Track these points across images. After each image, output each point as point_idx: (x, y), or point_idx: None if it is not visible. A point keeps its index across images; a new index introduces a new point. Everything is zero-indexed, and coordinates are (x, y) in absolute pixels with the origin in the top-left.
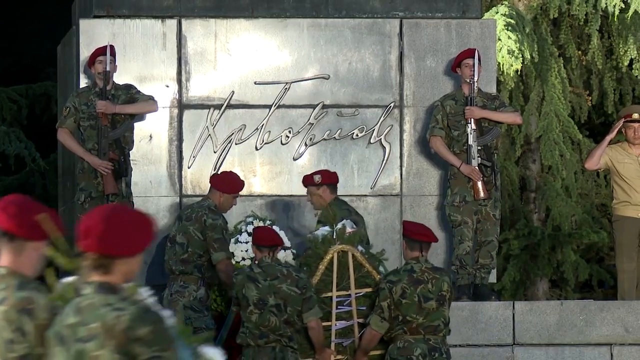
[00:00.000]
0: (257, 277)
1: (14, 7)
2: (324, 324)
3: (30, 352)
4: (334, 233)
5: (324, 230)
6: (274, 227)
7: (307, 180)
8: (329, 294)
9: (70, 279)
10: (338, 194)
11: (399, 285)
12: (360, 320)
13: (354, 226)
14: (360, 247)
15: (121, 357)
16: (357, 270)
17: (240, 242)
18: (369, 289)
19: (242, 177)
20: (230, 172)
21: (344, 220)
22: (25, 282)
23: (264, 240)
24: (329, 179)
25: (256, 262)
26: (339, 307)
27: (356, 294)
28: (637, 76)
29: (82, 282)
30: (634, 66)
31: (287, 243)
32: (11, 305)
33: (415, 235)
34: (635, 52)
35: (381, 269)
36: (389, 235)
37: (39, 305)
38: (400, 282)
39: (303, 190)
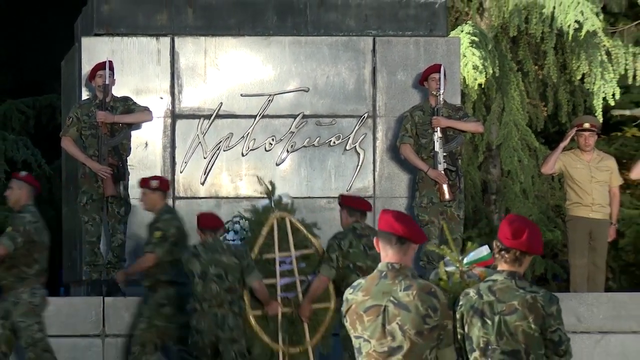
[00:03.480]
0: (199, 253)
1: (22, 27)
2: (270, 281)
3: (439, 324)
4: (272, 202)
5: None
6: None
7: (144, 183)
8: (272, 255)
9: (448, 265)
10: (317, 195)
11: (346, 240)
12: (302, 278)
13: (290, 197)
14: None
15: (537, 328)
16: (295, 234)
17: (227, 240)
18: (307, 251)
19: (229, 181)
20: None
21: (281, 193)
22: (412, 272)
23: (206, 223)
24: (165, 186)
25: (201, 242)
26: (281, 266)
27: (296, 254)
28: (588, 89)
29: (490, 270)
30: (585, 80)
31: None
32: (420, 289)
33: (356, 204)
34: (587, 67)
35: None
36: None
37: (437, 289)
38: (347, 238)
39: (297, 192)
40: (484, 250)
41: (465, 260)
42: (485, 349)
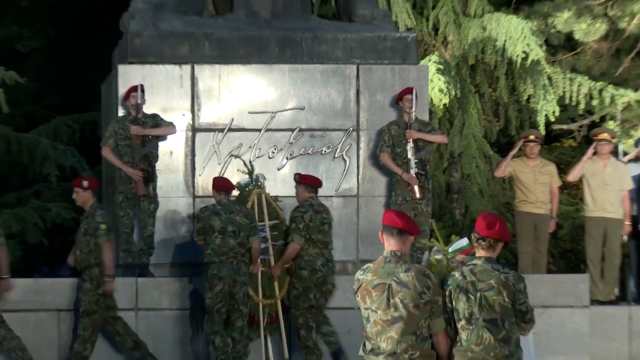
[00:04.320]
0: (219, 212)
1: (70, 56)
2: None
3: (434, 300)
4: (253, 181)
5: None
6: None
7: (77, 183)
8: None
9: (436, 254)
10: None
11: (307, 214)
12: (273, 243)
13: (264, 178)
14: None
15: (510, 301)
16: (267, 207)
17: None
18: (276, 221)
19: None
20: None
21: (258, 173)
22: (409, 259)
23: (222, 186)
24: (95, 186)
25: (216, 202)
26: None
27: (269, 224)
28: (533, 108)
29: (469, 256)
30: (530, 100)
31: None
32: (417, 272)
33: (314, 182)
34: (532, 89)
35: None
36: (349, 225)
37: (429, 271)
38: (308, 212)
39: (285, 192)
40: (464, 242)
41: (450, 250)
42: (470, 319)
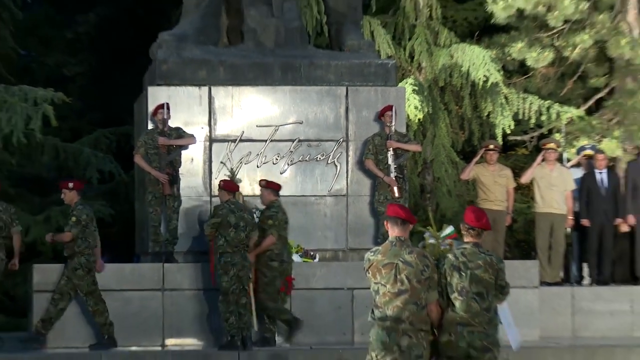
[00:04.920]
0: (234, 209)
1: (108, 79)
2: None
3: (431, 276)
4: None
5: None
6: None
7: (64, 185)
8: None
9: (430, 239)
10: (308, 194)
11: (278, 214)
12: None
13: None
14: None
15: (493, 277)
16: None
17: None
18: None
19: (248, 184)
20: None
21: (237, 178)
22: (410, 243)
23: (231, 187)
24: (79, 186)
25: (226, 201)
26: None
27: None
28: (492, 122)
29: (457, 241)
30: (490, 116)
31: None
32: (418, 254)
33: (276, 187)
34: (492, 107)
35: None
36: (339, 220)
37: (427, 253)
38: (278, 213)
39: (288, 192)
40: (450, 229)
41: (441, 235)
42: (461, 292)
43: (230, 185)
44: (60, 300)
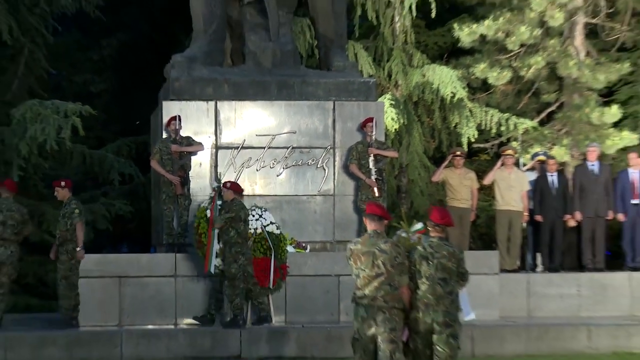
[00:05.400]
0: (243, 206)
1: (128, 95)
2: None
3: (403, 263)
4: (221, 185)
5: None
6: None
7: (56, 184)
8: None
9: (402, 234)
10: (300, 194)
11: (243, 211)
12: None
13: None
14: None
15: (455, 266)
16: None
17: (251, 220)
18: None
19: (249, 186)
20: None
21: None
22: (385, 235)
23: (239, 189)
24: (69, 185)
25: (233, 199)
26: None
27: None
28: (459, 132)
29: (425, 235)
30: (457, 127)
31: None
32: (392, 244)
33: (238, 189)
34: (458, 119)
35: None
36: (327, 216)
37: (399, 244)
38: (244, 209)
39: (282, 192)
40: (419, 225)
41: (411, 230)
42: (429, 277)
43: (236, 186)
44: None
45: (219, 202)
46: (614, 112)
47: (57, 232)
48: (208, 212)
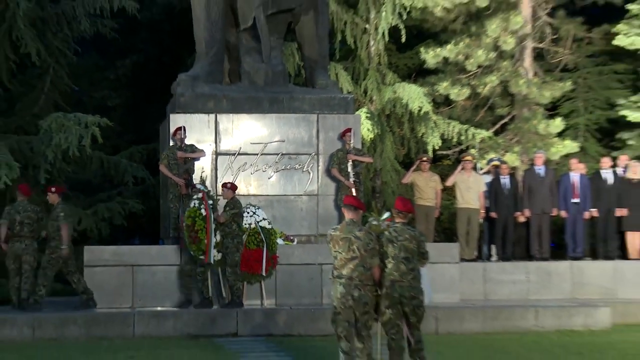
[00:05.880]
0: (241, 202)
1: (140, 109)
2: None
3: (374, 247)
4: (206, 188)
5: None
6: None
7: (48, 189)
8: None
9: (373, 221)
10: (289, 194)
11: (242, 207)
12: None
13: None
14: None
15: (416, 247)
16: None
17: (246, 216)
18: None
19: (244, 187)
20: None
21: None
22: (360, 224)
23: (234, 188)
24: (59, 191)
25: (232, 197)
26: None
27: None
28: (425, 141)
29: (392, 222)
30: (423, 136)
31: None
32: (365, 231)
33: (234, 188)
34: (424, 129)
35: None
36: (311, 212)
37: (371, 231)
38: (242, 206)
39: (274, 192)
40: (387, 214)
41: (381, 218)
42: (394, 257)
43: (235, 187)
44: (77, 274)
45: (210, 202)
46: (557, 124)
47: (44, 232)
48: (203, 211)
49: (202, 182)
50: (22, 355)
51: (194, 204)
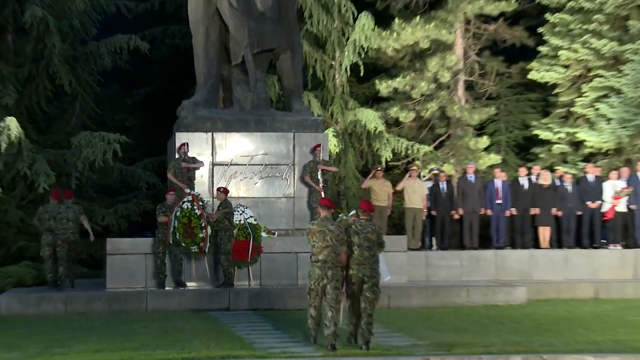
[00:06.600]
0: (232, 203)
1: (152, 128)
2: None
3: (343, 238)
4: (196, 193)
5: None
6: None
7: (55, 194)
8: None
9: (343, 217)
10: (271, 197)
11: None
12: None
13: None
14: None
15: (377, 238)
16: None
17: (237, 214)
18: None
19: (235, 191)
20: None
21: (199, 191)
22: (332, 219)
23: (226, 192)
24: (70, 194)
25: (224, 199)
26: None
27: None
28: (379, 154)
29: (357, 218)
30: (378, 150)
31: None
32: (336, 225)
33: (227, 192)
34: (379, 145)
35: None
36: (289, 211)
37: (341, 225)
38: (232, 206)
39: (259, 195)
40: (353, 212)
41: (349, 215)
42: (359, 245)
43: (227, 191)
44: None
45: (201, 204)
46: (484, 141)
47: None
48: (197, 211)
49: (193, 189)
50: (57, 326)
51: (187, 205)
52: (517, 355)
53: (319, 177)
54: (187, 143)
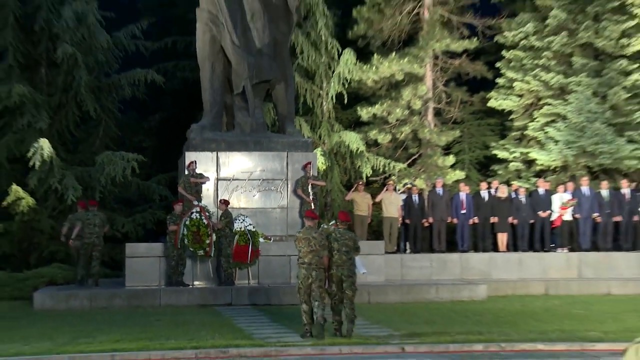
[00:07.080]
0: (232, 213)
1: (164, 148)
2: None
3: (325, 244)
4: (205, 206)
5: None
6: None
7: (81, 204)
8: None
9: (324, 226)
10: (267, 207)
11: (232, 217)
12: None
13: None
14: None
15: (353, 244)
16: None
17: (238, 222)
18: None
19: (236, 202)
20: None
21: (204, 204)
22: (317, 228)
23: (226, 203)
24: (89, 204)
25: (225, 210)
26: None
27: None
28: (360, 171)
29: (337, 227)
30: (360, 167)
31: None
32: (319, 233)
33: (227, 203)
34: (360, 163)
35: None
36: (282, 220)
37: (324, 233)
38: (232, 216)
39: (257, 206)
40: (333, 222)
41: (330, 224)
42: (338, 250)
43: (228, 202)
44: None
45: (208, 214)
46: (450, 159)
47: (89, 234)
48: (204, 221)
49: (200, 201)
50: (82, 319)
51: (195, 216)
52: (479, 344)
53: (310, 190)
54: (195, 161)
